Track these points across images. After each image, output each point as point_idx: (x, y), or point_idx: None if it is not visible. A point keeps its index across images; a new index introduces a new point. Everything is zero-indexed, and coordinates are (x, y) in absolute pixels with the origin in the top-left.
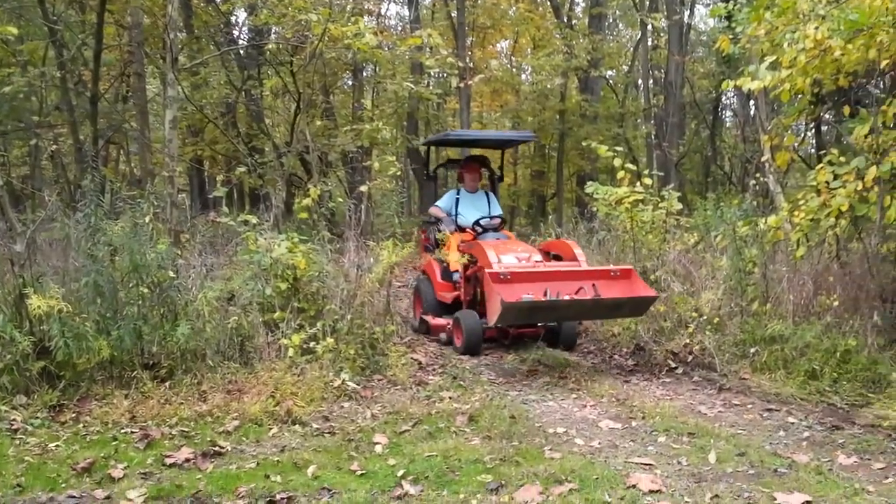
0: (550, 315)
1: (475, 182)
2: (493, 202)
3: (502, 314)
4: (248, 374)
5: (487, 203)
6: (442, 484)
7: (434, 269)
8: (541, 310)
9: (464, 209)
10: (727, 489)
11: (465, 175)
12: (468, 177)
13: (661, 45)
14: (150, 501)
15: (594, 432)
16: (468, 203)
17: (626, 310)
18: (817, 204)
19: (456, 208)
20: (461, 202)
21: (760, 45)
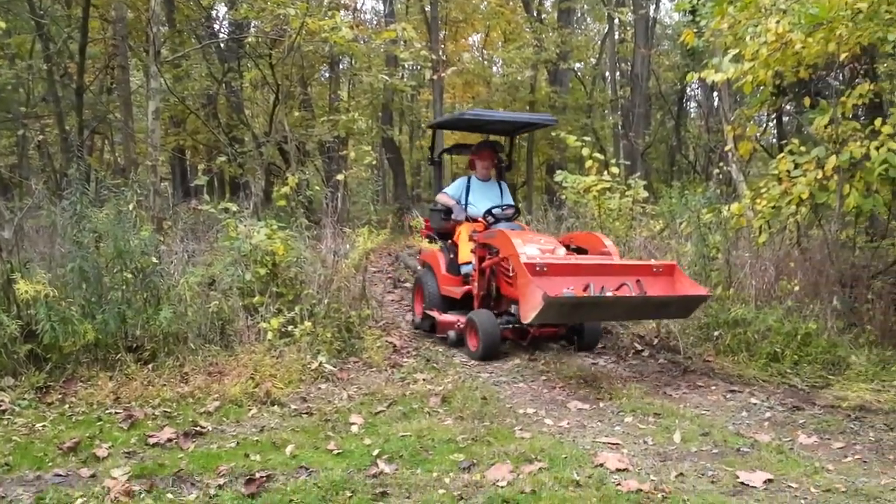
0: (592, 313)
1: (488, 170)
2: (506, 191)
3: (543, 311)
4: (228, 357)
5: (500, 192)
6: (416, 463)
7: (439, 261)
8: (584, 307)
9: (475, 198)
10: (691, 467)
11: (476, 162)
12: (480, 164)
13: (628, 39)
14: (134, 480)
15: (563, 413)
16: (479, 192)
17: (672, 309)
18: (779, 192)
19: (466, 197)
20: (472, 190)
21: (724, 38)
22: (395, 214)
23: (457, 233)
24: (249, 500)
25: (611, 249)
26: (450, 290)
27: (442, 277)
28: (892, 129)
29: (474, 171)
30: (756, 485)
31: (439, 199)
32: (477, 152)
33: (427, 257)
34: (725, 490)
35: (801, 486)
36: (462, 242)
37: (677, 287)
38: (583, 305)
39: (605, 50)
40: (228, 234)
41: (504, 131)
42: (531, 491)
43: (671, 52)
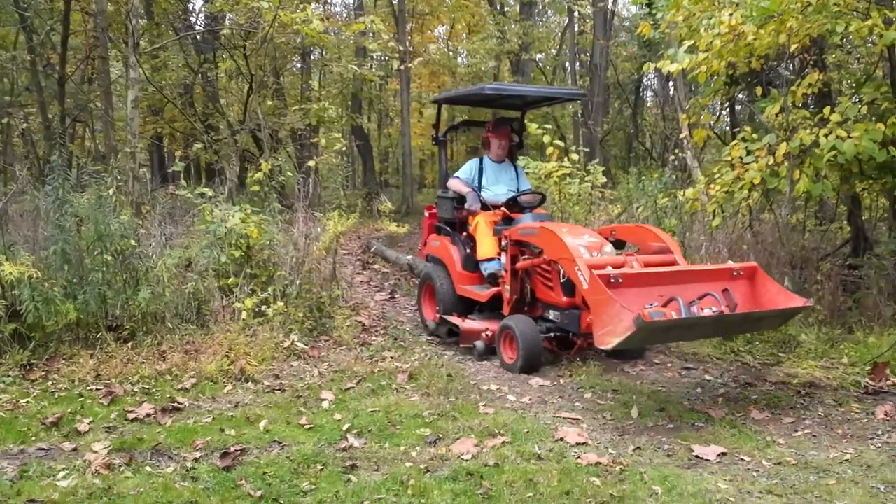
0: (683, 335)
1: (504, 150)
2: (522, 175)
3: (631, 337)
4: (204, 336)
5: (515, 175)
6: (384, 437)
7: (452, 256)
8: (677, 329)
9: (489, 182)
10: (648, 441)
11: (492, 140)
12: (497, 143)
13: (587, 31)
14: (114, 453)
15: (525, 389)
16: (493, 175)
17: (766, 322)
18: (732, 177)
19: (479, 181)
20: (485, 173)
21: (679, 30)
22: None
23: (473, 224)
24: (225, 472)
25: (671, 246)
26: (468, 290)
27: (457, 275)
28: (840, 117)
29: (488, 151)
30: (710, 458)
31: (451, 185)
32: (494, 130)
33: (437, 252)
34: (681, 463)
35: (753, 458)
36: (481, 235)
37: (763, 293)
38: (676, 327)
39: (566, 41)
40: (204, 217)
41: (516, 106)
42: (495, 464)
43: (628, 44)
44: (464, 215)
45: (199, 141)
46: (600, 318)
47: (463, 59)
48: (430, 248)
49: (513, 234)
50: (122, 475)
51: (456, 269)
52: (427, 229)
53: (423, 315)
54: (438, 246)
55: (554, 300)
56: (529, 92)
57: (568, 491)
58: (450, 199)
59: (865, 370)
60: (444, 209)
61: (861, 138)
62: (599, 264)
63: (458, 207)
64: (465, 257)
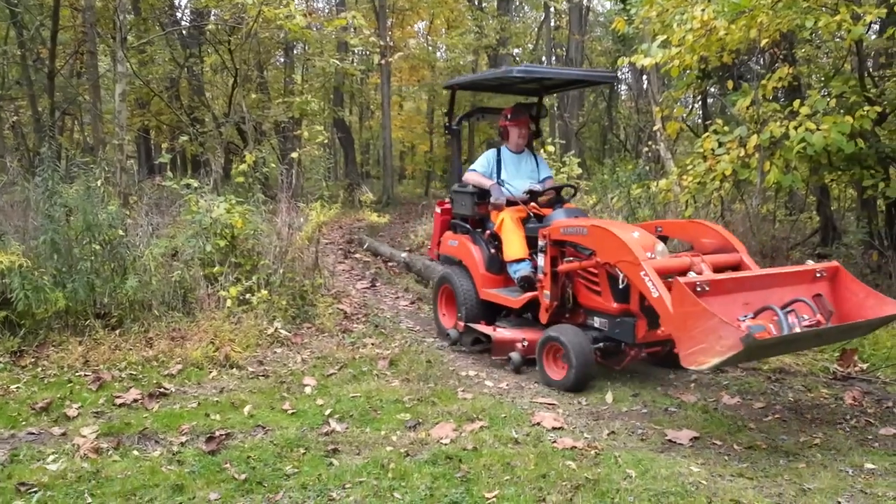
0: (783, 351)
1: (524, 139)
2: (543, 165)
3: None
4: (190, 323)
5: (536, 166)
6: (365, 422)
7: (474, 257)
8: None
9: (509, 174)
10: (622, 426)
11: (510, 129)
12: (516, 132)
13: (563, 26)
14: (102, 437)
15: (502, 375)
16: (513, 167)
17: (860, 332)
18: (704, 169)
19: (498, 173)
20: (504, 165)
21: (652, 25)
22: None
23: (498, 221)
24: (210, 456)
25: (736, 245)
26: (495, 294)
27: (481, 278)
28: (809, 110)
29: (506, 140)
30: (683, 442)
31: (469, 178)
32: (513, 118)
33: (456, 252)
34: (654, 447)
35: (725, 443)
36: (508, 233)
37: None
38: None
39: (542, 36)
40: (190, 208)
41: (534, 91)
42: (473, 448)
43: (603, 39)
44: (485, 211)
45: (185, 133)
46: (690, 333)
47: (442, 53)
48: (447, 248)
49: (552, 233)
50: (109, 459)
51: (479, 271)
52: (439, 227)
53: (441, 323)
54: (457, 246)
55: (601, 306)
56: (561, 74)
57: (544, 474)
58: (469, 194)
59: (834, 356)
60: (463, 205)
61: (830, 131)
62: (670, 268)
63: (480, 203)
64: (489, 258)
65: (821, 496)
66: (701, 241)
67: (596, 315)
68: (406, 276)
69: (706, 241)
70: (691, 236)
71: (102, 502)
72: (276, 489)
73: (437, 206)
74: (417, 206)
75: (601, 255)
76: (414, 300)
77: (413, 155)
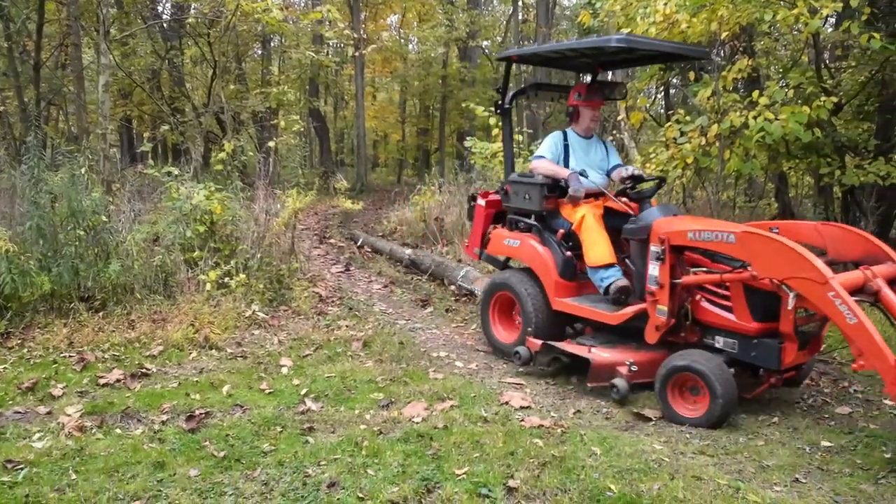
0: None
1: (597, 122)
2: (613, 153)
3: None
4: (170, 306)
5: (606, 153)
6: (340, 401)
7: (545, 261)
8: None
9: (577, 163)
10: (588, 405)
11: (583, 110)
12: (588, 113)
13: (531, 19)
14: (86, 416)
15: (472, 356)
16: (582, 154)
17: None
18: (666, 157)
19: (566, 162)
20: (573, 152)
21: (617, 18)
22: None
23: (577, 217)
24: (190, 434)
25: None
26: (575, 305)
27: (554, 285)
28: (768, 100)
29: (574, 123)
30: (647, 420)
31: (539, 166)
32: (588, 97)
33: (518, 253)
34: (619, 425)
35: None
36: (592, 233)
37: None
38: None
39: (510, 29)
40: (171, 195)
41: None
42: (444, 426)
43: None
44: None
45: (166, 123)
46: None
47: (414, 45)
48: (500, 248)
49: (673, 238)
50: (93, 437)
51: (552, 277)
52: (483, 222)
53: (496, 336)
54: (519, 246)
55: (731, 324)
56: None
57: (512, 451)
58: (538, 186)
59: None
60: (527, 198)
61: (788, 120)
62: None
63: (551, 195)
64: (563, 262)
65: (779, 473)
66: (838, 246)
67: (720, 334)
68: (379, 261)
69: (845, 246)
70: (825, 241)
71: (86, 479)
72: (253, 466)
73: (478, 198)
74: (390, 192)
75: (761, 269)
76: (387, 284)
77: (386, 144)
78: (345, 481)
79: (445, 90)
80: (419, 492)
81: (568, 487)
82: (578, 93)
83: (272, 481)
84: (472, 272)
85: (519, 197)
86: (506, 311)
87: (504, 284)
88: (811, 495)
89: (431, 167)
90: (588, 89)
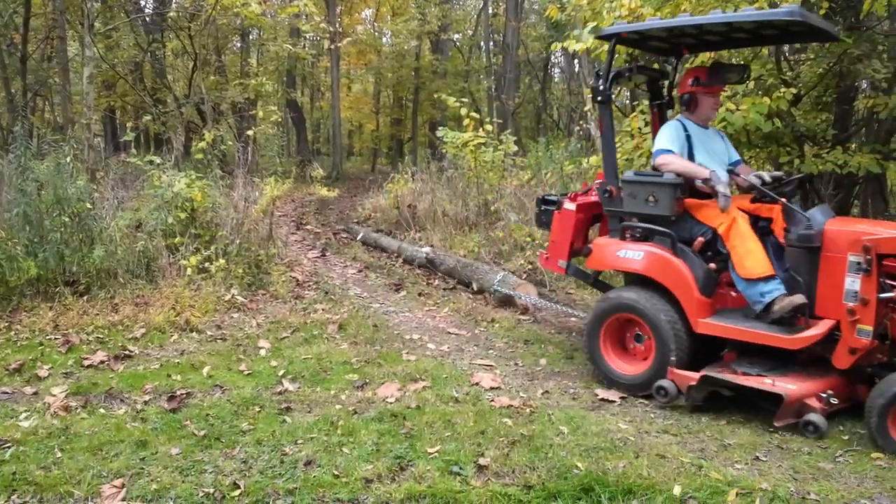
0: None
1: (716, 111)
2: (729, 145)
3: None
4: (153, 290)
5: (724, 145)
6: (316, 382)
7: (682, 274)
8: None
9: (700, 157)
10: (556, 386)
11: (702, 98)
12: (708, 101)
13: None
14: (71, 396)
15: (444, 339)
16: (703, 147)
17: None
18: (631, 146)
19: (690, 155)
20: (694, 144)
21: (583, 12)
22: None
23: (725, 223)
24: (171, 414)
25: None
26: (723, 327)
27: (696, 304)
28: (729, 91)
29: (690, 112)
30: (613, 400)
31: (669, 162)
32: (709, 83)
33: (642, 267)
34: (585, 405)
35: (650, 402)
36: (745, 241)
37: None
38: None
39: (481, 23)
40: (153, 183)
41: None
42: (416, 406)
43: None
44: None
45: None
46: None
47: (387, 39)
48: (610, 262)
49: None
50: (78, 416)
51: (692, 295)
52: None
53: (611, 368)
54: (641, 259)
55: None
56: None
57: (483, 430)
58: (670, 186)
59: None
60: (652, 201)
61: (749, 111)
62: None
63: (682, 196)
64: (705, 276)
65: (740, 451)
66: None
67: None
68: (354, 246)
69: None
70: None
71: (71, 457)
72: (232, 444)
73: (565, 201)
74: (365, 181)
75: None
76: (361, 269)
77: (360, 133)
78: (321, 459)
79: (418, 82)
80: (393, 469)
81: (536, 465)
82: (697, 78)
83: (251, 459)
84: (510, 276)
85: (637, 200)
86: (618, 336)
87: (627, 306)
88: (771, 473)
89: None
90: (710, 74)
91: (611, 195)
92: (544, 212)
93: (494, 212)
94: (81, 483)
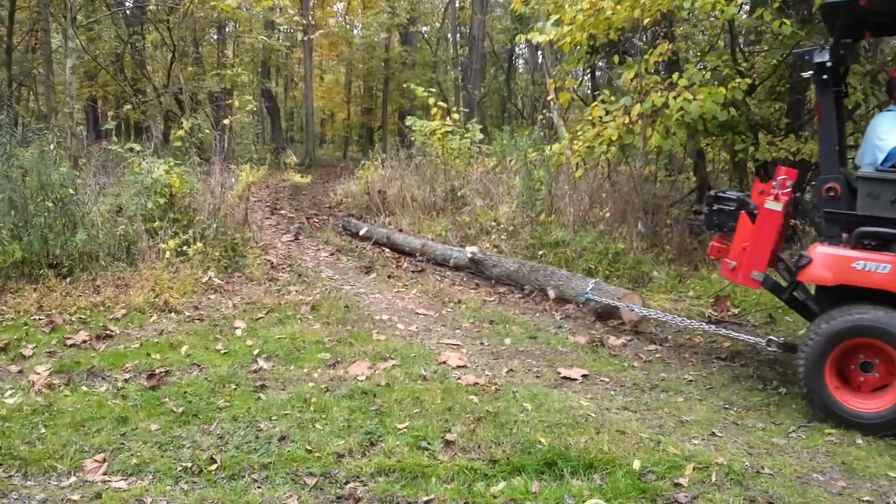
0: None
1: None
2: None
3: None
4: (133, 272)
5: None
6: (290, 360)
7: None
8: None
9: None
10: (520, 364)
11: None
12: None
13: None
14: (55, 375)
15: (412, 319)
16: None
17: None
18: (593, 134)
19: None
20: None
21: (546, 5)
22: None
23: None
24: (151, 391)
25: None
26: None
27: None
28: (687, 82)
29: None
30: (575, 378)
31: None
32: None
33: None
34: (549, 383)
35: (612, 379)
36: None
37: None
38: None
39: (448, 16)
40: (133, 169)
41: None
42: (386, 384)
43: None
44: None
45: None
46: None
47: (358, 31)
48: (843, 275)
49: None
50: (61, 394)
51: None
52: (774, 234)
53: (843, 405)
54: (890, 272)
55: None
56: None
57: (450, 407)
58: None
59: (709, 302)
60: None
61: (705, 100)
62: None
63: None
64: None
65: (697, 427)
66: None
67: None
68: (326, 230)
69: None
70: None
71: (55, 433)
72: (209, 421)
73: (768, 201)
74: (336, 167)
75: None
76: (333, 252)
77: (333, 122)
78: (294, 435)
79: (388, 72)
80: (363, 444)
81: (501, 440)
82: None
83: (227, 435)
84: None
85: (881, 202)
86: (850, 366)
87: (871, 329)
88: (727, 448)
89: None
90: None
91: (836, 195)
92: (718, 212)
93: (461, 197)
94: (64, 457)
